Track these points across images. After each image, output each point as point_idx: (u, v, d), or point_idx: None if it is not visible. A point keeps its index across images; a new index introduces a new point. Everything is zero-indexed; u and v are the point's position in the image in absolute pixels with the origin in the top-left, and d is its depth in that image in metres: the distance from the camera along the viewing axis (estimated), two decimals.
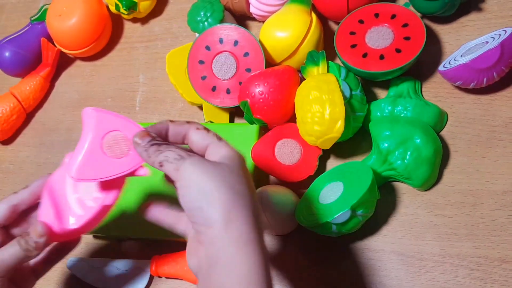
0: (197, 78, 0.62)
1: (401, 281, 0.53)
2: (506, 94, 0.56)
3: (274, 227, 0.56)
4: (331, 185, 0.55)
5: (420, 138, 0.53)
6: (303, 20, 0.60)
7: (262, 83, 0.57)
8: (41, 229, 0.47)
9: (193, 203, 0.39)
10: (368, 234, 0.56)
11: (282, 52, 0.61)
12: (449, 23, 0.62)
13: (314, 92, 0.53)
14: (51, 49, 0.77)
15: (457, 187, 0.54)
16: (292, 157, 0.58)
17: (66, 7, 0.74)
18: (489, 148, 0.55)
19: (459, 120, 0.57)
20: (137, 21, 0.79)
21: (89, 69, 0.79)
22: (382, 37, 0.57)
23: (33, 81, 0.77)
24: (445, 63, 0.57)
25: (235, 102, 0.61)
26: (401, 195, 0.56)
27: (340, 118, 0.52)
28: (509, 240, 0.51)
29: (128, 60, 0.77)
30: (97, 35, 0.75)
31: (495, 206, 0.53)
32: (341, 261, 0.55)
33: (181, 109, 0.70)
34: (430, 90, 0.59)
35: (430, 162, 0.53)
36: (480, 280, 0.51)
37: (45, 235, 0.47)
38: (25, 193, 0.51)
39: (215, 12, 0.64)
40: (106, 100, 0.75)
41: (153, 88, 0.73)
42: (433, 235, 0.53)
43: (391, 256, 0.54)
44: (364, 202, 0.50)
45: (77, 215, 0.49)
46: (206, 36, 0.62)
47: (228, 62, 0.61)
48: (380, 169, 0.55)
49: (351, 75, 0.56)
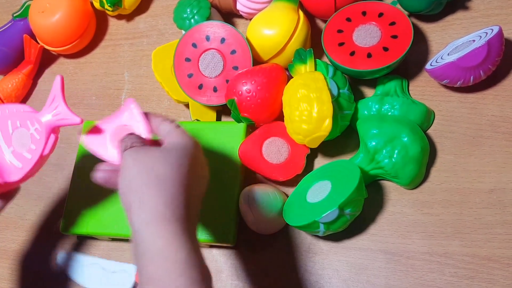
0: (184, 76, 0.62)
1: (388, 280, 0.53)
2: (492, 93, 0.56)
3: (261, 226, 0.55)
4: (318, 184, 0.54)
5: (407, 137, 0.53)
6: (290, 17, 0.59)
7: (249, 81, 0.57)
8: None
9: (121, 189, 0.43)
10: (355, 233, 0.55)
11: (270, 49, 0.60)
12: (435, 21, 0.62)
13: (302, 90, 0.53)
14: (34, 46, 0.76)
15: (444, 185, 0.55)
16: (280, 155, 0.57)
17: (49, 3, 0.73)
18: (475, 147, 0.55)
19: (446, 118, 0.57)
20: (122, 17, 0.78)
21: (72, 66, 0.77)
22: (370, 35, 0.57)
23: (15, 79, 0.75)
24: (432, 61, 0.57)
25: (222, 100, 0.61)
26: (388, 193, 0.56)
27: (328, 117, 0.52)
28: (496, 238, 0.51)
29: (112, 58, 0.75)
30: (81, 31, 0.74)
31: (482, 204, 0.53)
32: (328, 261, 0.55)
33: (167, 107, 0.69)
34: (417, 89, 0.59)
35: (417, 161, 0.53)
36: (467, 279, 0.51)
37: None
38: None
39: (201, 9, 0.63)
40: (91, 98, 0.74)
41: (139, 86, 0.72)
42: (420, 233, 0.53)
43: (378, 255, 0.54)
44: (351, 201, 0.50)
45: (16, 168, 0.50)
46: (192, 33, 0.61)
47: (215, 59, 0.61)
48: (368, 167, 0.55)
49: (338, 74, 0.56)
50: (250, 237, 0.59)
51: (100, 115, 0.72)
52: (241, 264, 0.58)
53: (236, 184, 0.58)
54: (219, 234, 0.56)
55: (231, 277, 0.58)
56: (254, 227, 0.56)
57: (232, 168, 0.59)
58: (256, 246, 0.58)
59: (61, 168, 0.70)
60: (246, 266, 0.58)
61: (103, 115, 0.72)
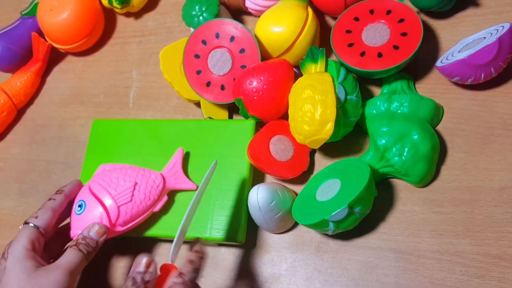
0: (192, 72, 0.62)
1: (398, 278, 0.53)
2: (503, 90, 0.56)
3: (270, 224, 0.55)
4: (328, 182, 0.54)
5: (417, 134, 0.53)
6: (299, 15, 0.59)
7: (256, 79, 0.56)
8: (101, 228, 0.51)
9: None
10: (365, 232, 0.55)
11: (278, 47, 0.60)
12: (446, 18, 0.61)
13: (308, 91, 0.53)
14: (42, 44, 0.76)
15: (454, 183, 0.54)
16: (287, 153, 0.57)
17: (57, 1, 0.73)
18: (486, 145, 0.55)
19: (456, 116, 0.57)
20: (130, 15, 0.78)
21: (81, 64, 0.78)
22: (379, 34, 0.57)
23: (23, 77, 0.76)
24: (442, 58, 0.57)
25: (229, 99, 0.61)
26: (398, 192, 0.56)
27: (330, 121, 0.52)
28: (506, 237, 0.51)
29: (121, 56, 0.76)
30: (89, 29, 0.74)
31: (492, 202, 0.52)
32: (337, 259, 0.55)
33: (175, 105, 0.69)
34: (427, 86, 0.59)
35: (428, 159, 0.53)
36: (478, 277, 0.50)
37: (105, 233, 0.51)
38: (60, 197, 0.55)
39: (210, 6, 0.63)
40: (99, 96, 0.74)
41: (147, 84, 0.72)
42: (430, 232, 0.53)
43: (388, 253, 0.54)
44: (361, 200, 0.50)
45: (126, 221, 0.55)
46: (203, 30, 0.61)
47: (223, 58, 0.61)
48: (378, 165, 0.54)
49: (349, 78, 0.56)
50: (260, 236, 0.59)
51: (108, 113, 0.72)
52: (250, 263, 0.58)
53: (245, 182, 0.58)
54: (229, 232, 0.56)
55: (240, 275, 0.58)
56: (263, 226, 0.56)
57: (242, 166, 0.59)
58: (266, 244, 0.58)
59: (69, 166, 0.71)
60: (255, 265, 0.58)
61: (112, 113, 0.72)
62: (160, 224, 0.59)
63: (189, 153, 0.61)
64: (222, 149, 0.60)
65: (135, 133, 0.64)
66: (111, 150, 0.65)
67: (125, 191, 0.55)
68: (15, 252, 0.49)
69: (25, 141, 0.75)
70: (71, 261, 0.49)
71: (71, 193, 0.56)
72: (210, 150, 0.60)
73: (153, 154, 0.62)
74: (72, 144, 0.72)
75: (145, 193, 0.55)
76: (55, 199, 0.54)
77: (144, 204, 0.55)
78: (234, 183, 0.58)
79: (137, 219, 0.55)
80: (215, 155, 0.60)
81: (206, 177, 0.51)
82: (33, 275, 0.47)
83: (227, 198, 0.57)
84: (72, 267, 0.49)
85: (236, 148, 0.59)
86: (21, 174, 0.73)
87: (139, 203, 0.55)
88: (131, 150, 0.64)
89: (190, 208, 0.49)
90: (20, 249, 0.49)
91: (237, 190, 0.58)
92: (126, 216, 0.54)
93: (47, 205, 0.54)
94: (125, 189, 0.55)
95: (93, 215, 0.53)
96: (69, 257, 0.49)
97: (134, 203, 0.54)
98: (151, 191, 0.55)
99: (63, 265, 0.48)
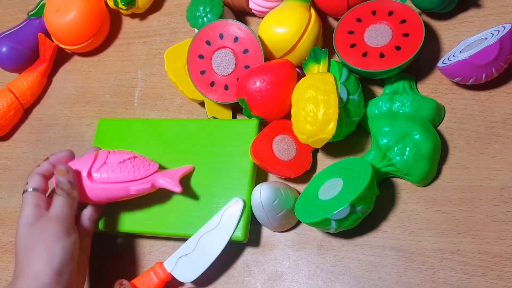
0: (196, 72, 0.62)
1: (399, 277, 0.53)
2: (504, 90, 0.56)
3: (273, 223, 0.56)
4: (330, 181, 0.55)
5: (419, 134, 0.53)
6: (302, 16, 0.60)
7: (259, 80, 0.57)
8: (60, 168, 0.54)
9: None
10: (367, 230, 0.56)
11: (281, 48, 0.61)
12: (447, 19, 0.62)
13: (310, 91, 0.53)
14: (49, 45, 0.77)
15: (455, 183, 0.55)
16: (290, 152, 0.58)
17: (63, 2, 0.74)
18: (487, 144, 0.55)
19: (458, 116, 0.57)
20: (136, 16, 0.78)
21: (86, 64, 0.78)
22: (381, 35, 0.57)
23: (30, 77, 0.76)
24: (444, 59, 0.57)
25: (233, 99, 0.61)
26: (400, 191, 0.56)
27: (332, 120, 0.52)
28: (507, 235, 0.51)
29: (126, 56, 0.76)
30: (95, 30, 0.74)
31: (493, 202, 0.53)
32: (339, 257, 0.56)
33: (179, 105, 0.70)
34: (428, 86, 0.59)
35: (429, 158, 0.53)
36: (479, 276, 0.51)
37: (69, 170, 0.54)
38: (46, 164, 0.58)
39: (214, 7, 0.64)
40: (104, 96, 0.75)
41: (152, 84, 0.73)
42: (431, 231, 0.54)
43: (390, 252, 0.54)
44: (363, 198, 0.50)
45: (102, 176, 0.56)
46: (207, 30, 0.62)
47: (227, 58, 0.61)
48: (379, 165, 0.55)
49: (352, 78, 0.56)
50: (262, 234, 0.59)
51: (114, 113, 0.73)
52: (253, 261, 0.59)
53: (248, 181, 0.58)
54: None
55: (242, 273, 0.58)
56: (266, 224, 0.57)
57: (245, 165, 0.59)
58: (268, 242, 0.59)
59: None
60: (257, 262, 0.58)
61: (117, 112, 0.73)
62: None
63: (193, 153, 0.62)
64: (226, 148, 0.61)
65: (140, 132, 0.65)
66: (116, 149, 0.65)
67: (121, 154, 0.58)
68: (23, 221, 0.54)
69: (31, 140, 0.76)
70: (57, 208, 0.54)
71: (57, 160, 0.58)
72: (214, 149, 0.61)
73: (158, 153, 0.63)
74: (77, 143, 0.73)
75: (134, 166, 0.57)
76: (40, 165, 0.57)
77: (126, 174, 0.56)
78: (237, 181, 0.59)
79: (114, 184, 0.56)
80: (219, 154, 0.60)
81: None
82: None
83: (230, 197, 0.58)
84: (60, 214, 0.53)
85: (240, 147, 0.60)
86: (27, 173, 0.73)
87: (124, 169, 0.56)
88: (136, 149, 0.64)
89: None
90: (28, 213, 0.54)
91: (240, 189, 0.58)
92: (108, 171, 0.56)
93: (33, 171, 0.57)
94: (122, 153, 0.58)
95: (85, 157, 0.58)
96: (56, 205, 0.54)
97: (121, 166, 0.57)
98: (140, 168, 0.57)
99: (52, 215, 0.53)
